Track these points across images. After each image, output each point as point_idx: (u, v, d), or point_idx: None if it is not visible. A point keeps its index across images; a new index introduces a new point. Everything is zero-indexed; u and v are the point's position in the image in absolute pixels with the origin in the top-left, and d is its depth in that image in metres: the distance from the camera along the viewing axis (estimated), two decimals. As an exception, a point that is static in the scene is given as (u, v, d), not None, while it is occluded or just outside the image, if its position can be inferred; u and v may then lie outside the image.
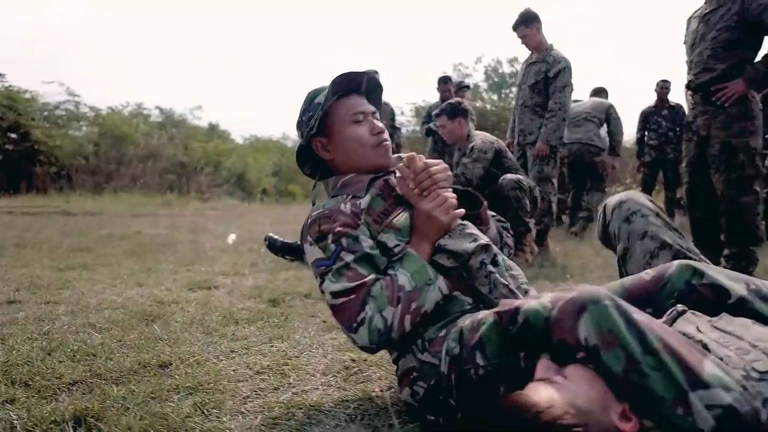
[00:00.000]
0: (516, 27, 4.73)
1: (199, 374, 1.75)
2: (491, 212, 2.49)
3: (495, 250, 1.45)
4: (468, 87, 9.09)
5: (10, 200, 11.87)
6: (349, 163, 1.63)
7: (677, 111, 7.46)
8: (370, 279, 1.41)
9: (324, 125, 1.62)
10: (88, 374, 1.74)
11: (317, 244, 1.47)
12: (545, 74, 4.71)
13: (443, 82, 7.39)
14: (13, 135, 14.50)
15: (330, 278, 1.42)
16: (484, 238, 1.45)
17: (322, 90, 1.63)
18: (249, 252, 4.72)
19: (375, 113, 1.66)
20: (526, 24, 4.71)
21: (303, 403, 1.56)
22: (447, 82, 7.42)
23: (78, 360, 1.87)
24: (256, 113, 49.85)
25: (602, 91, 7.46)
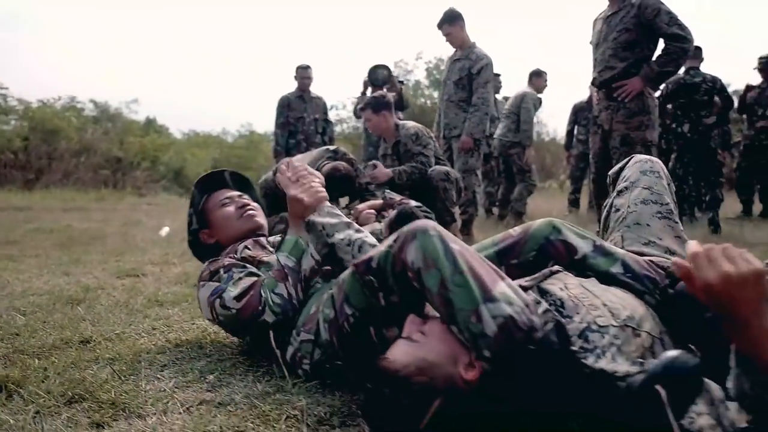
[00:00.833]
0: (440, 25, 4.96)
1: (120, 348, 1.85)
2: (416, 202, 2.71)
3: (356, 226, 1.69)
4: (402, 82, 9.28)
5: (-68, 196, 11.39)
6: (227, 237, 1.97)
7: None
8: (260, 277, 1.69)
9: (203, 219, 2.01)
10: (11, 350, 1.82)
11: (210, 280, 1.74)
12: (469, 71, 4.95)
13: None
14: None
15: (229, 289, 1.67)
16: (345, 218, 1.70)
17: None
18: (181, 242, 4.75)
19: (242, 195, 2.05)
20: (450, 22, 4.93)
21: (216, 369, 1.69)
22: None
23: (0, 339, 1.94)
24: (195, 108, 48.98)
25: (537, 74, 7.17)
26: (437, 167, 4.36)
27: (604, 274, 1.46)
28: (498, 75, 7.79)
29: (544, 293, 1.35)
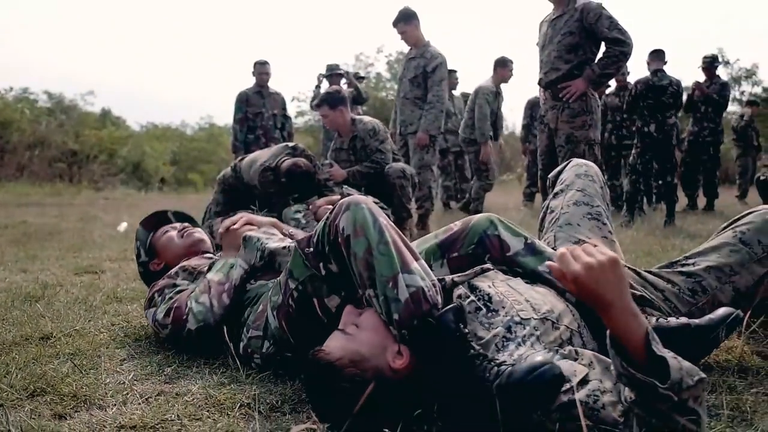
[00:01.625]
0: (396, 23, 5.07)
1: (80, 343, 1.93)
2: (373, 198, 2.85)
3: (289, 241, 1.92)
4: (363, 78, 9.38)
5: None
6: (174, 256, 2.17)
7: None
8: (188, 291, 1.88)
9: (152, 251, 2.23)
10: (-30, 348, 1.87)
11: (149, 308, 1.93)
12: (424, 69, 5.08)
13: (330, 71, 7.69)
14: None
15: (158, 311, 1.87)
16: (279, 235, 2.00)
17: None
18: (139, 239, 4.79)
19: (186, 227, 2.26)
20: (405, 21, 5.05)
21: (173, 362, 1.78)
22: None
23: (-41, 337, 1.99)
24: (153, 99, 48.06)
25: (501, 63, 6.84)
26: (393, 164, 4.49)
27: (531, 272, 1.61)
28: (454, 71, 7.96)
29: (474, 289, 1.48)
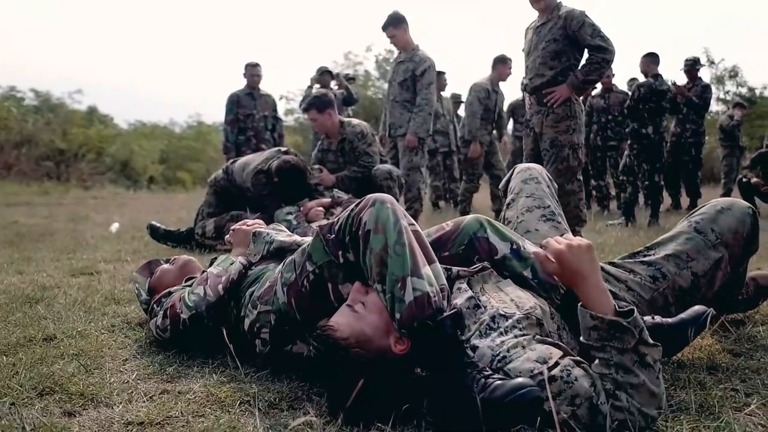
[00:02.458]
0: (385, 27, 5.17)
1: (82, 344, 2.00)
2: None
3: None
4: (352, 78, 9.46)
5: None
6: (170, 283, 2.23)
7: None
8: (182, 291, 1.98)
9: (151, 290, 2.28)
10: (-24, 350, 1.94)
11: (151, 319, 2.04)
12: (412, 72, 5.19)
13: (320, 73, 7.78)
14: None
15: (157, 318, 1.97)
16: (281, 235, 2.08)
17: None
18: (132, 240, 4.86)
19: (174, 258, 2.39)
20: (394, 25, 5.15)
21: (174, 362, 1.87)
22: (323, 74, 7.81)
23: (-36, 339, 2.06)
24: (140, 96, 47.82)
25: (501, 60, 6.66)
26: (380, 166, 4.60)
27: (518, 276, 1.71)
28: (443, 73, 8.06)
29: (470, 285, 1.61)
